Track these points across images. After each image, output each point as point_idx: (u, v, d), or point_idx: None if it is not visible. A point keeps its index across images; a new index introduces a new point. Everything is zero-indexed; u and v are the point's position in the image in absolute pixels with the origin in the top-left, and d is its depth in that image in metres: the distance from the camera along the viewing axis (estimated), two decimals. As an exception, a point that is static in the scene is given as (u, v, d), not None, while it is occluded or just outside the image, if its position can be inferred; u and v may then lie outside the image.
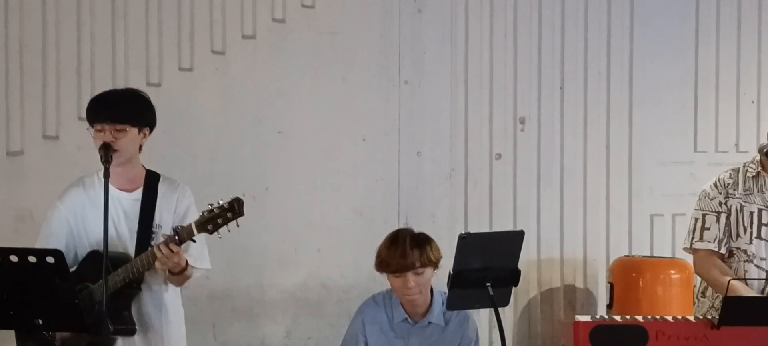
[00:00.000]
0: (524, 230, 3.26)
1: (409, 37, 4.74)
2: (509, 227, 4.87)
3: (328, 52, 4.64)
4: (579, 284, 5.00)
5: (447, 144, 4.81)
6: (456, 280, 3.12)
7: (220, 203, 3.21)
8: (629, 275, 4.64)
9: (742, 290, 3.41)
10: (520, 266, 4.79)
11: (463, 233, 3.14)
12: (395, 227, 4.68)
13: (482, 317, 4.77)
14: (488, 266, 3.10)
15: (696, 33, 5.10)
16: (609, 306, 4.72)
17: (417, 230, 4.58)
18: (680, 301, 4.46)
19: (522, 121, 4.92)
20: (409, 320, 3.65)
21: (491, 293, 3.08)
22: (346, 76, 4.67)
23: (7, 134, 4.33)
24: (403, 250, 3.55)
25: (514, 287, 3.20)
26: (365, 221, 4.66)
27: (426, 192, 4.78)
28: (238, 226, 3.24)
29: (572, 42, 4.95)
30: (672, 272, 4.56)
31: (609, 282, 4.77)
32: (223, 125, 4.54)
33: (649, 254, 4.94)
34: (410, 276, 3.55)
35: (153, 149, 4.29)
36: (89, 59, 4.39)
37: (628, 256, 4.85)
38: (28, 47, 4.34)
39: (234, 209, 3.19)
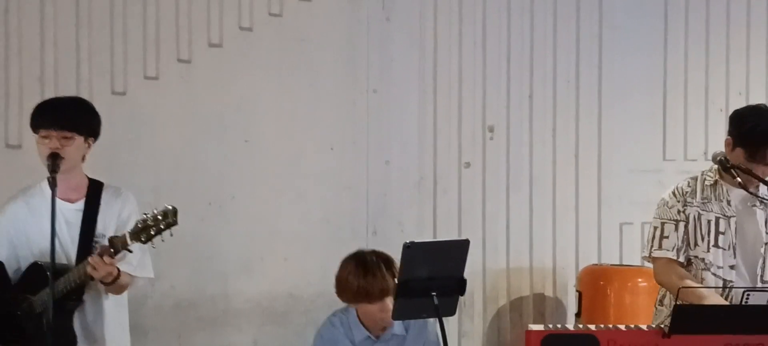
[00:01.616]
0: (470, 239, 3.23)
1: (377, 45, 4.74)
2: (478, 236, 4.88)
3: (295, 60, 4.63)
4: (548, 292, 5.01)
5: (415, 152, 4.81)
6: (402, 290, 3.10)
7: (154, 212, 3.20)
8: (597, 284, 4.64)
9: (708, 297, 3.41)
10: (488, 274, 4.92)
11: (408, 242, 3.11)
12: (363, 236, 4.71)
13: (451, 324, 4.78)
14: (434, 275, 3.08)
15: (664, 43, 5.14)
16: (577, 315, 4.72)
17: (385, 238, 4.62)
18: (648, 309, 4.43)
19: (491, 130, 4.92)
20: (371, 336, 3.63)
21: (436, 302, 3.07)
22: (314, 84, 4.66)
23: (-30, 143, 4.29)
24: (381, 276, 3.52)
25: (460, 296, 3.19)
26: (333, 229, 4.65)
27: (394, 200, 4.77)
28: (171, 235, 3.22)
29: (541, 50, 4.97)
30: (639, 280, 4.56)
31: (577, 290, 4.77)
32: (189, 134, 4.51)
33: (618, 262, 4.95)
34: (388, 300, 3.52)
35: (117, 158, 4.30)
36: (53, 67, 4.36)
37: (596, 264, 4.86)
38: (-10, 55, 4.32)
39: (167, 218, 3.18)
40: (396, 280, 3.44)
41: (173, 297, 4.48)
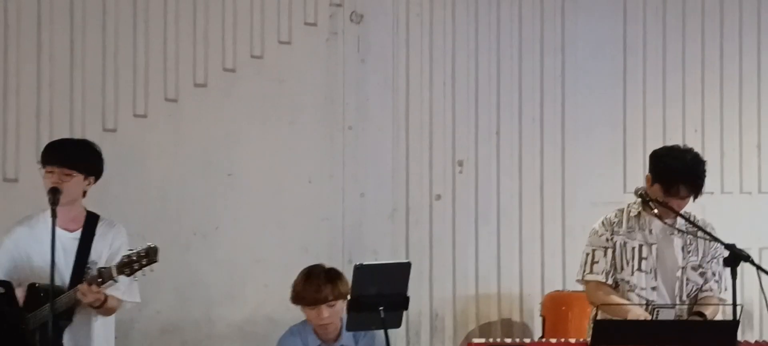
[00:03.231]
0: (411, 262, 3.70)
1: (353, 85, 5.02)
2: (449, 264, 5.16)
3: (275, 99, 4.90)
4: (516, 317, 5.27)
5: (389, 185, 5.07)
6: (353, 305, 3.53)
7: (138, 249, 3.58)
8: (559, 309, 4.92)
9: (631, 311, 3.75)
10: (458, 300, 5.17)
11: (358, 263, 3.54)
12: (339, 264, 4.90)
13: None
14: (381, 292, 3.50)
15: (623, 81, 5.40)
16: (541, 337, 4.99)
17: (360, 267, 4.88)
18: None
19: (460, 164, 5.20)
20: (323, 344, 3.96)
21: (383, 316, 3.48)
22: (293, 121, 4.93)
23: (-30, 176, 4.55)
24: (318, 285, 3.89)
25: (404, 311, 3.63)
26: (311, 258, 4.83)
27: (369, 231, 5.03)
28: (152, 271, 3.62)
29: (507, 89, 5.24)
30: (598, 305, 4.83)
31: (541, 315, 5.05)
32: (176, 168, 4.77)
33: (581, 289, 5.21)
34: (324, 308, 3.88)
35: (108, 191, 4.53)
36: (48, 105, 4.63)
37: (558, 291, 5.14)
38: (-11, 94, 4.59)
39: (149, 256, 3.57)
40: (334, 295, 3.83)
41: (159, 322, 4.72)
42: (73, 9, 4.66)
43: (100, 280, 3.57)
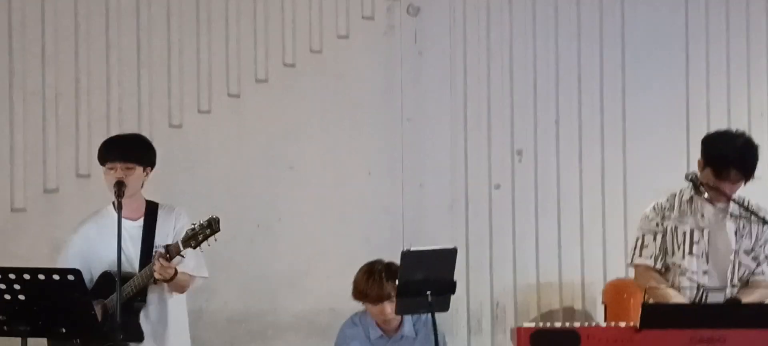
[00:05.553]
0: (457, 247, 3.75)
1: (410, 78, 5.08)
2: (509, 253, 5.18)
3: (335, 93, 5.00)
4: (578, 306, 5.26)
5: (448, 176, 5.12)
6: (402, 290, 3.61)
7: (201, 222, 3.73)
8: (620, 296, 4.90)
9: (674, 296, 3.73)
10: (519, 289, 5.20)
11: (405, 250, 3.63)
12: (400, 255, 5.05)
13: (484, 337, 5.10)
14: (428, 277, 3.57)
15: (686, 67, 5.35)
16: (604, 325, 4.99)
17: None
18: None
19: (519, 154, 5.22)
20: (384, 335, 4.04)
21: (430, 300, 3.55)
22: (352, 114, 5.02)
23: (45, 173, 4.76)
24: (380, 282, 3.98)
25: (452, 295, 3.68)
26: (372, 249, 4.92)
27: (428, 222, 5.08)
28: (216, 240, 3.73)
29: (566, 78, 5.24)
30: (659, 292, 4.80)
31: (603, 303, 5.04)
32: (239, 162, 4.91)
33: (643, 275, 5.18)
34: (386, 305, 3.96)
35: (174, 184, 4.71)
36: (117, 104, 4.82)
37: (620, 278, 5.12)
38: (62, 95, 4.79)
39: (211, 227, 3.72)
40: (396, 291, 3.85)
41: (226, 312, 4.86)
42: (139, 11, 4.84)
43: (168, 255, 3.74)
